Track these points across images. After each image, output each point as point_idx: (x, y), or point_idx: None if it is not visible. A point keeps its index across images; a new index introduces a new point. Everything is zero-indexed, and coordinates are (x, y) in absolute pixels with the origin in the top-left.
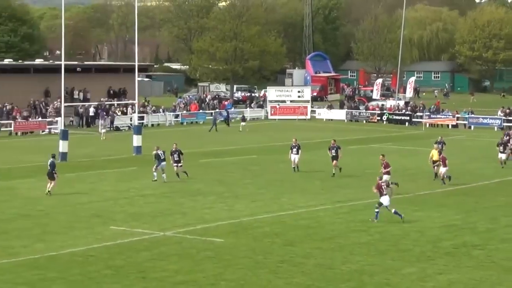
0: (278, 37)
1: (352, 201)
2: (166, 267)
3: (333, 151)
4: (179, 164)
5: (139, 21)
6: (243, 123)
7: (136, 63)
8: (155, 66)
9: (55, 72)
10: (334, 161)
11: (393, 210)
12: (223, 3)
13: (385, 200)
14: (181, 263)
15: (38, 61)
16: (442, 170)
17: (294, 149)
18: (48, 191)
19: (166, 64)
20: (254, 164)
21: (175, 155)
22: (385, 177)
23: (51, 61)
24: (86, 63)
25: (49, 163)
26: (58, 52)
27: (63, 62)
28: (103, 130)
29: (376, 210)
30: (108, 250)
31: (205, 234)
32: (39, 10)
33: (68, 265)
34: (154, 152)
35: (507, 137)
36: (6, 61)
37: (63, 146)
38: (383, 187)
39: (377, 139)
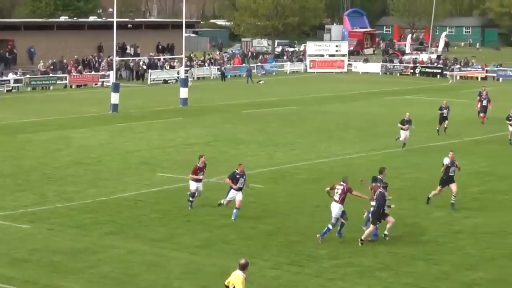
0: None
1: (386, 149)
2: (210, 211)
3: (446, 111)
4: None
5: None
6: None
7: (184, 20)
8: (201, 22)
9: (107, 29)
10: (446, 121)
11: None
12: None
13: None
14: (226, 208)
15: (92, 18)
16: None
17: (406, 125)
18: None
19: (211, 20)
20: (293, 115)
21: None
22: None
23: (104, 18)
24: (136, 20)
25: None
26: (110, 9)
27: (115, 19)
28: None
29: None
30: (156, 195)
31: (247, 180)
32: None
33: (118, 209)
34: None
35: None
36: (62, 18)
37: (114, 98)
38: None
39: (410, 90)
